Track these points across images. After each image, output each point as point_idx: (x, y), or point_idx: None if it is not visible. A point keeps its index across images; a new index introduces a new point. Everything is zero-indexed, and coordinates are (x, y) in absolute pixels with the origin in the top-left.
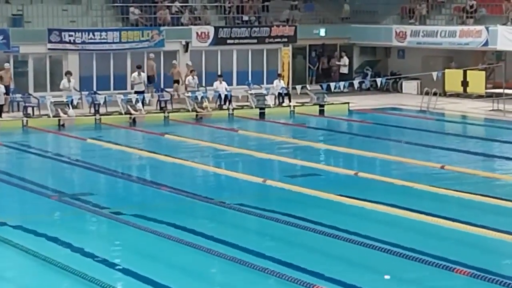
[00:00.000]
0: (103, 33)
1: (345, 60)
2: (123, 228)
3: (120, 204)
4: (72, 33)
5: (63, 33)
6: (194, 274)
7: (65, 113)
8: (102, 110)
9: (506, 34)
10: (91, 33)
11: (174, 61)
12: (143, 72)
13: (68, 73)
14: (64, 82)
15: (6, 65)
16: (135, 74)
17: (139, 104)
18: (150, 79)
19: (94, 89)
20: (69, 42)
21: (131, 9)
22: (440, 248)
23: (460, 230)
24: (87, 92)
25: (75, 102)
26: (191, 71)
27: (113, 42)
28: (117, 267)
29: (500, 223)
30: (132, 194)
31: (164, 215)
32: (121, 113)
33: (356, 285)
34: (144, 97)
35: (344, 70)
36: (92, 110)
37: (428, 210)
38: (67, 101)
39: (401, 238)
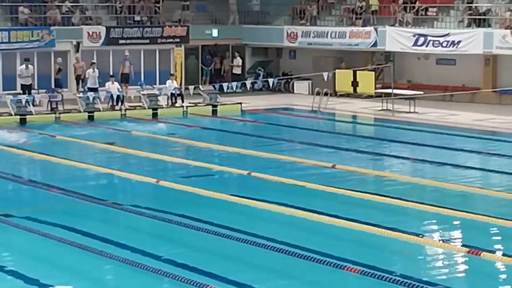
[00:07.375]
0: None
1: (238, 60)
2: (12, 231)
3: (9, 207)
4: None
5: None
6: (86, 276)
7: None
8: None
9: (394, 35)
10: None
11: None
12: (31, 65)
13: None
14: None
15: None
16: (23, 66)
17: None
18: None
19: None
20: None
21: (20, 8)
22: (331, 246)
23: (350, 228)
24: None
25: None
26: (91, 64)
27: (2, 42)
28: (7, 270)
29: (389, 221)
30: (22, 196)
31: (55, 217)
32: (10, 114)
33: (250, 285)
34: (34, 98)
35: (238, 70)
36: None
37: (319, 209)
38: None
39: (293, 237)
